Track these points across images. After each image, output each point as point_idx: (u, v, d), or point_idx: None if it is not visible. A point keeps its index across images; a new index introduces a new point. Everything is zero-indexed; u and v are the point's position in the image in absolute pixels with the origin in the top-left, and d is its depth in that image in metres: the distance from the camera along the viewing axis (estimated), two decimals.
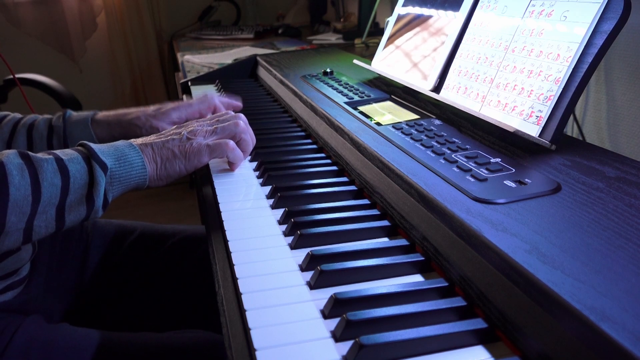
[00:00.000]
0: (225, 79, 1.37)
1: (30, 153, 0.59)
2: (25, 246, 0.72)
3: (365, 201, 0.65)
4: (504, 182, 0.53)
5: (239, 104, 0.99)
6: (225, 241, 0.57)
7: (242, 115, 0.76)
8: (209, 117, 0.77)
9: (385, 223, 0.59)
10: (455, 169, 0.57)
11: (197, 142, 0.69)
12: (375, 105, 0.85)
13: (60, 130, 0.84)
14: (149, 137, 0.70)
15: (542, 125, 0.59)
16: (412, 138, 0.68)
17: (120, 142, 0.66)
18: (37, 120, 0.86)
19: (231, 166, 0.75)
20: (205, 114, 0.92)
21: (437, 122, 0.73)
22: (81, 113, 0.88)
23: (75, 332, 0.70)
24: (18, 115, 0.88)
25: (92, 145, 0.63)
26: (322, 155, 0.82)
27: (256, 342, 0.41)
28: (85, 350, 0.68)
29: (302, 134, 0.92)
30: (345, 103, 0.87)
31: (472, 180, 0.54)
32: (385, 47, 1.02)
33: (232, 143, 0.71)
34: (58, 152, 0.62)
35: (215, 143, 0.70)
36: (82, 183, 0.60)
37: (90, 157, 0.61)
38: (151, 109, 0.89)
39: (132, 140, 0.68)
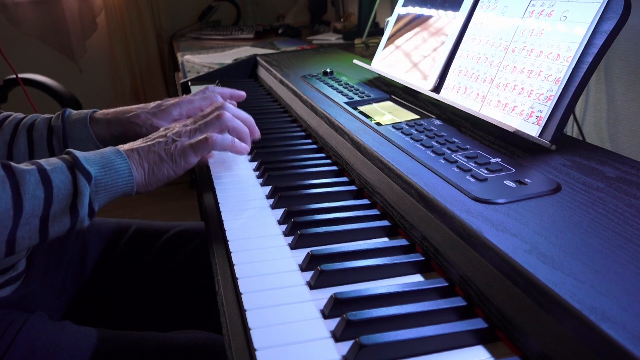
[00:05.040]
0: (225, 79, 1.37)
1: (12, 164, 0.58)
2: None
3: (365, 201, 0.65)
4: (504, 182, 0.53)
5: (241, 93, 0.97)
6: (225, 241, 0.58)
7: (226, 105, 0.75)
8: (194, 117, 0.76)
9: (385, 223, 0.59)
10: (455, 169, 0.57)
11: (181, 142, 0.69)
12: (375, 105, 0.85)
13: (59, 131, 0.84)
14: (136, 141, 0.70)
15: (542, 125, 0.59)
16: (412, 138, 0.68)
17: (108, 149, 0.66)
18: (37, 120, 0.86)
19: (235, 152, 0.73)
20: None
21: (437, 122, 0.73)
22: (80, 112, 0.87)
23: (78, 331, 0.71)
24: (20, 115, 0.88)
25: (78, 153, 0.62)
26: (322, 155, 0.82)
27: (256, 342, 0.41)
28: (88, 349, 0.68)
29: (302, 134, 0.92)
30: (345, 103, 0.87)
31: (472, 180, 0.54)
32: (385, 47, 1.02)
33: (214, 136, 0.69)
34: (42, 161, 0.60)
35: (197, 140, 0.69)
36: (66, 193, 0.59)
37: (74, 166, 0.60)
38: (151, 106, 0.88)
39: (119, 146, 0.68)
